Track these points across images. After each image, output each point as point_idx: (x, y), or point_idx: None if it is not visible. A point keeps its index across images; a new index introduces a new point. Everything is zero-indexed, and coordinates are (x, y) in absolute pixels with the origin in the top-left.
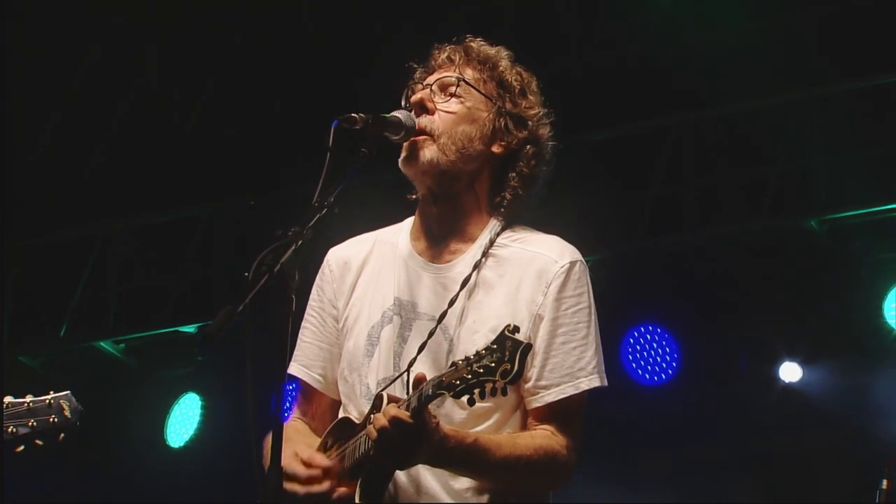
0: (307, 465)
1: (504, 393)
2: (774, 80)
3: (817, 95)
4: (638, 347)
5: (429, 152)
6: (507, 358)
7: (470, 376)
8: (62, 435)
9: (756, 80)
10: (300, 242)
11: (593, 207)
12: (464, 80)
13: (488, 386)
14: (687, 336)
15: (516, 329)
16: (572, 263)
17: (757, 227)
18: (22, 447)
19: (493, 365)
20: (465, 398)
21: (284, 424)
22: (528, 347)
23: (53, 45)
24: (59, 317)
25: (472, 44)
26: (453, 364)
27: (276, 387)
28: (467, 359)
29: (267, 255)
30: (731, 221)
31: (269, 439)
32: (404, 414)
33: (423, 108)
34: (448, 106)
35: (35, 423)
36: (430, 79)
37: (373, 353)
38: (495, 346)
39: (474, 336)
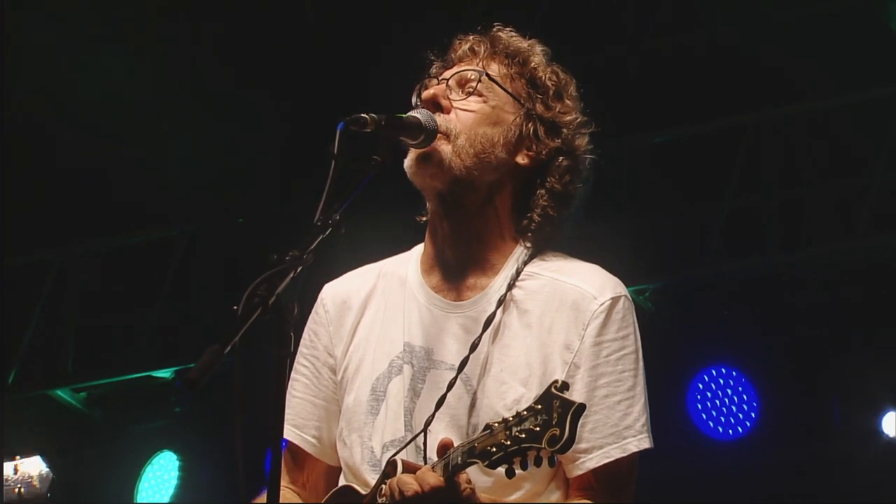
0: None
1: (551, 463)
2: (874, 69)
3: None
4: (708, 395)
5: (440, 154)
6: (555, 421)
7: (509, 442)
8: None
9: (852, 70)
10: (300, 269)
11: (652, 224)
12: (487, 75)
13: (532, 455)
14: (768, 381)
15: (565, 386)
16: (614, 300)
17: (853, 248)
18: None
19: (537, 429)
20: (502, 468)
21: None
22: (581, 409)
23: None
24: (7, 361)
25: (500, 34)
26: (488, 427)
27: (272, 444)
28: (505, 421)
29: (260, 284)
30: (821, 242)
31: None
32: (437, 478)
33: (436, 107)
34: (467, 104)
35: None
36: (447, 73)
37: (378, 409)
38: (540, 407)
39: (502, 388)
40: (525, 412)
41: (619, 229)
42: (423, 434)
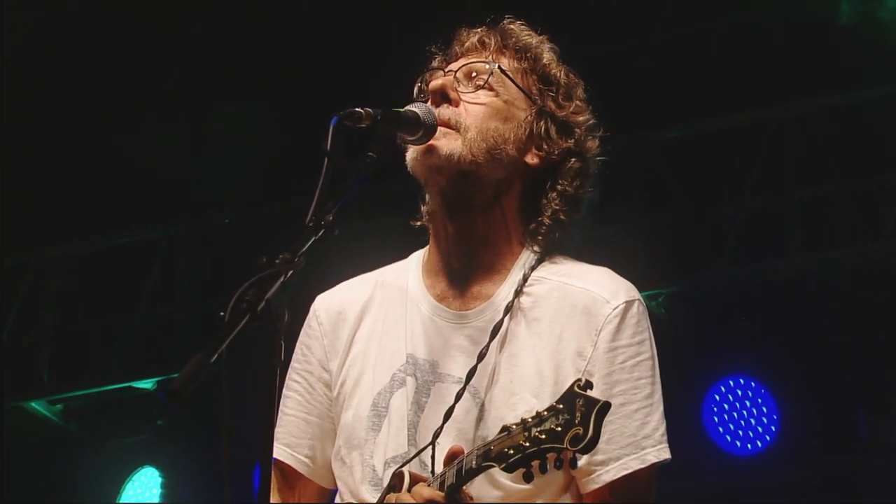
0: None
1: (573, 465)
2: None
3: None
4: (725, 407)
5: (449, 145)
6: (578, 420)
7: (528, 444)
8: None
9: (879, 60)
10: (291, 273)
11: (665, 225)
12: (499, 69)
13: (552, 457)
14: (789, 391)
15: (588, 384)
16: (628, 304)
17: (878, 250)
18: None
19: (559, 429)
20: (520, 472)
21: None
22: (607, 407)
23: None
24: None
25: (511, 27)
26: (505, 429)
27: (261, 460)
28: (524, 422)
29: (248, 289)
30: (844, 244)
31: None
32: (437, 494)
33: (444, 98)
34: (476, 97)
35: None
36: (456, 64)
37: (380, 425)
38: (561, 406)
39: (512, 399)
40: (546, 412)
41: (631, 231)
42: (430, 447)
